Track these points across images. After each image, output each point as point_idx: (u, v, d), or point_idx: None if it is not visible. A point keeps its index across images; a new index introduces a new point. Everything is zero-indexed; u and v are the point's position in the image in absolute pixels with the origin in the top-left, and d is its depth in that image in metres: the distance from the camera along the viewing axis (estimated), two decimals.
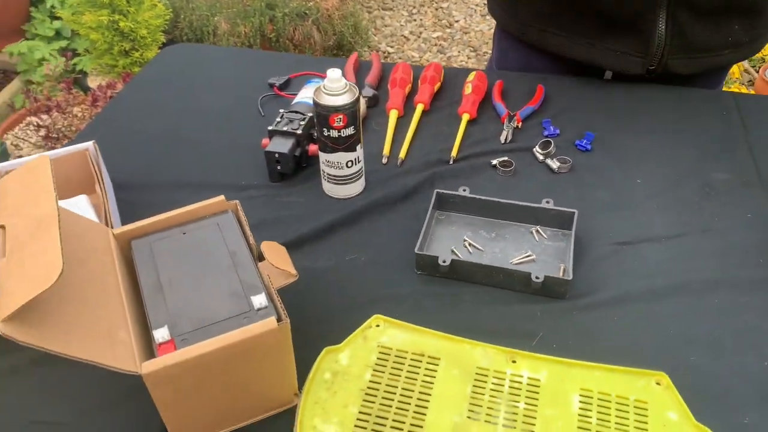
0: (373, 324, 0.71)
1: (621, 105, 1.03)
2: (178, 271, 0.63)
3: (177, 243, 0.66)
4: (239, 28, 2.27)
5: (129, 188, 0.92)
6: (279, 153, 0.87)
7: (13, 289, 0.48)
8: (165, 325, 0.57)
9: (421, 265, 0.77)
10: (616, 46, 1.02)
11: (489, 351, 0.68)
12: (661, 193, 0.88)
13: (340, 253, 0.81)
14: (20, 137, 2.27)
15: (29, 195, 0.58)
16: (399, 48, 3.15)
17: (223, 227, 0.67)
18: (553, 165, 0.91)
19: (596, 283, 0.76)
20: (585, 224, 0.82)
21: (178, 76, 1.17)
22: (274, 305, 0.59)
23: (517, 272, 0.74)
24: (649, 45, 1.00)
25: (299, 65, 1.16)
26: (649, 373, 0.65)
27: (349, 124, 0.81)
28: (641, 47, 1.01)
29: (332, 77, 0.79)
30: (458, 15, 3.35)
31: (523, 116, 1.00)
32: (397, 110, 1.02)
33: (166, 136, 1.02)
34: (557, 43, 1.06)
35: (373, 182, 0.91)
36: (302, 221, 0.85)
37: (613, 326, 0.71)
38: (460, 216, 0.85)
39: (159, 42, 2.23)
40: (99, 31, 2.09)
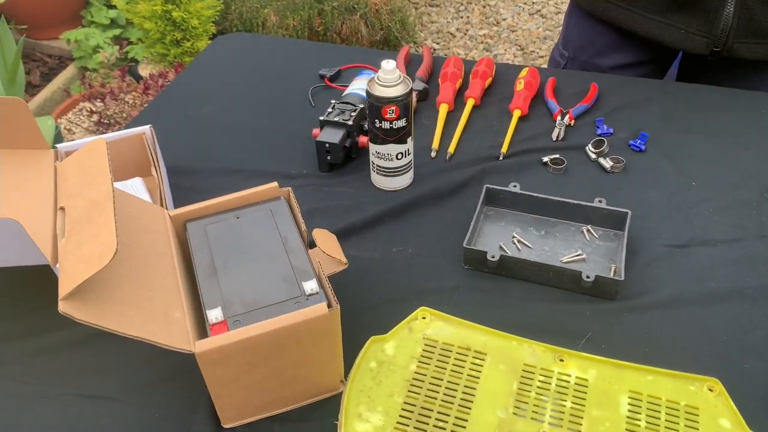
0: (419, 316, 0.71)
1: (677, 105, 1.01)
2: (231, 254, 0.64)
3: (231, 227, 0.67)
4: (288, 20, 2.29)
5: (180, 172, 0.94)
6: (329, 143, 0.88)
7: (71, 269, 0.50)
8: (218, 306, 0.58)
9: (469, 259, 0.77)
10: (682, 24, 1.01)
11: (536, 348, 0.67)
12: (718, 196, 0.85)
13: (387, 245, 0.81)
14: (73, 122, 2.33)
15: (87, 177, 0.60)
16: (445, 45, 3.13)
17: (275, 213, 0.68)
18: (606, 164, 0.89)
19: (648, 285, 0.74)
20: (637, 225, 0.80)
21: (230, 65, 1.19)
22: (324, 291, 0.60)
23: (568, 270, 0.73)
24: (714, 25, 0.98)
25: (350, 57, 1.17)
26: (701, 378, 0.64)
27: (401, 116, 0.81)
28: (706, 27, 0.99)
29: (386, 68, 0.79)
30: (506, 13, 3.32)
31: (576, 114, 0.98)
32: (447, 104, 1.02)
33: (217, 123, 1.04)
34: (622, 16, 1.05)
35: (421, 175, 0.91)
36: (350, 211, 0.85)
37: (664, 329, 0.70)
38: (509, 212, 0.84)
39: (209, 32, 2.26)
40: (152, 21, 2.13)
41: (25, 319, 0.74)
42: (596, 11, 1.09)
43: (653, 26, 1.03)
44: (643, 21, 1.04)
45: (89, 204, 0.54)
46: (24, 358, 0.70)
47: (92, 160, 0.59)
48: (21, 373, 0.69)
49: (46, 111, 2.32)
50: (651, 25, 1.03)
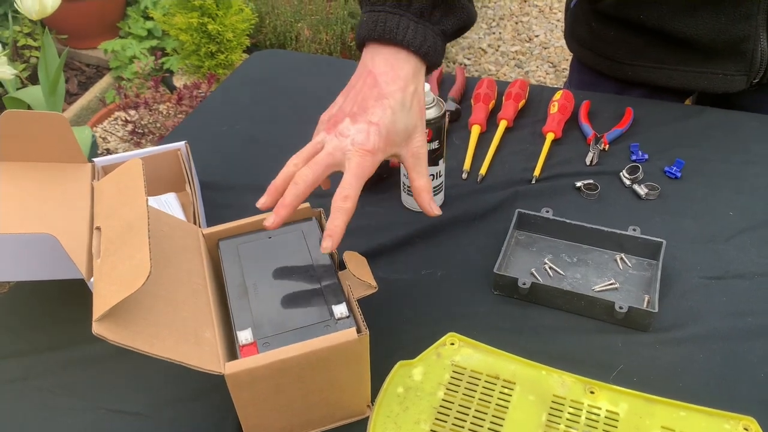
0: (447, 342, 0.70)
1: (714, 132, 0.99)
2: (262, 275, 0.64)
3: (263, 247, 0.67)
4: (321, 35, 2.31)
5: (213, 188, 0.94)
6: None
7: (105, 290, 0.50)
8: (248, 327, 0.59)
9: (500, 285, 0.76)
10: (719, 70, 0.99)
11: (566, 379, 0.66)
12: (756, 227, 0.84)
13: (416, 267, 0.81)
14: (108, 130, 2.38)
15: (122, 198, 0.61)
16: (476, 60, 3.13)
17: (307, 234, 0.68)
18: (641, 191, 0.88)
19: (682, 317, 0.73)
20: (672, 255, 0.79)
21: (264, 81, 1.20)
22: (354, 316, 0.60)
23: (600, 300, 0.72)
24: (753, 64, 0.97)
25: None
26: (736, 416, 0.62)
27: (434, 138, 0.81)
28: (745, 67, 0.98)
29: None
30: (538, 30, 3.31)
31: (610, 139, 0.97)
32: (479, 126, 1.02)
33: (250, 140, 1.05)
34: (654, 75, 1.03)
35: (452, 197, 0.91)
36: (380, 232, 0.85)
37: (698, 364, 0.68)
38: (541, 237, 0.84)
39: (243, 45, 2.30)
40: (188, 33, 2.17)
41: (60, 331, 0.75)
42: (622, 75, 1.06)
43: (690, 78, 1.01)
44: (676, 75, 1.01)
45: (124, 225, 0.55)
46: (57, 370, 0.71)
47: (128, 180, 0.60)
48: (53, 384, 0.70)
49: (83, 119, 2.37)
50: (687, 77, 1.01)
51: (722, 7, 0.93)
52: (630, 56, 1.04)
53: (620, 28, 1.03)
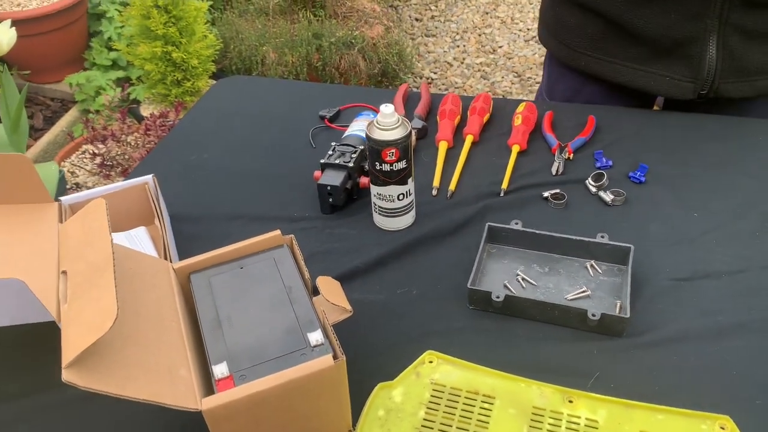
0: (426, 360, 0.71)
1: (675, 136, 1.01)
2: (236, 306, 0.64)
3: (235, 277, 0.67)
4: (287, 57, 2.32)
5: (184, 220, 0.94)
6: (331, 186, 0.89)
7: (73, 336, 0.50)
8: (224, 360, 0.58)
9: (474, 300, 0.77)
10: (666, 72, 1.00)
11: (545, 390, 0.67)
12: (720, 226, 0.85)
13: (391, 287, 0.81)
14: (76, 164, 2.35)
15: (87, 239, 0.60)
16: (442, 74, 3.17)
17: (279, 262, 0.68)
18: (607, 198, 0.90)
19: (654, 320, 0.74)
20: (641, 259, 0.80)
21: (230, 108, 1.20)
22: (330, 342, 0.60)
23: (573, 309, 0.73)
24: (699, 70, 0.98)
25: (349, 96, 1.18)
26: (712, 416, 0.63)
27: (401, 157, 0.82)
28: (692, 72, 0.99)
29: (385, 112, 0.80)
30: (501, 41, 3.36)
31: (575, 147, 0.99)
32: (446, 141, 1.03)
33: (218, 168, 1.04)
34: (605, 69, 1.05)
35: (423, 214, 0.91)
36: (353, 254, 0.85)
37: (672, 366, 0.69)
38: (512, 249, 0.84)
39: (209, 71, 2.29)
40: (153, 62, 2.16)
41: (32, 376, 0.74)
42: (578, 65, 1.08)
43: (638, 76, 1.02)
44: (626, 72, 1.03)
45: (90, 268, 0.54)
46: (29, 416, 0.70)
47: (92, 221, 0.59)
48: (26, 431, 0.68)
49: (50, 155, 2.34)
50: (636, 75, 1.02)
51: (675, 1, 0.94)
52: (586, 46, 1.06)
53: (580, 14, 1.04)
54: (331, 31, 2.37)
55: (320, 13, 2.50)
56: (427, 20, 3.55)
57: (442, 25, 3.51)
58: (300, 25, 2.39)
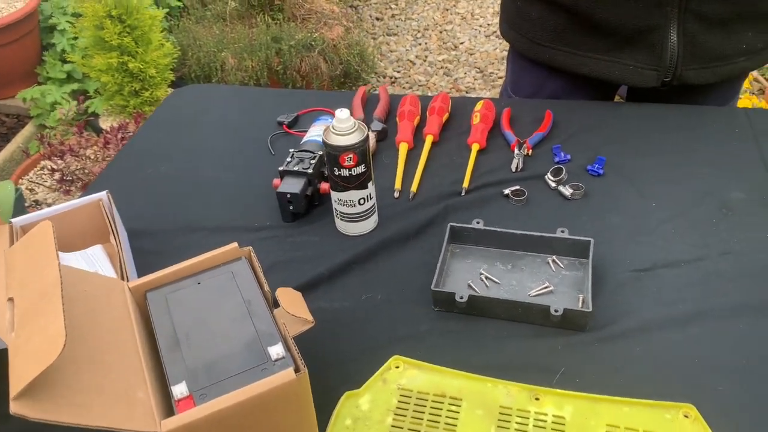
0: (392, 366, 0.70)
1: (632, 127, 1.03)
2: (194, 323, 0.62)
3: (192, 293, 0.66)
4: (246, 62, 2.30)
5: (143, 235, 0.92)
6: (290, 193, 0.88)
7: (21, 366, 0.48)
8: (183, 380, 0.57)
9: (439, 301, 0.77)
10: (629, 60, 1.01)
11: (511, 389, 0.67)
12: (678, 215, 0.87)
13: (356, 293, 0.80)
14: (35, 181, 2.30)
15: (34, 264, 0.58)
16: (405, 73, 3.17)
17: (237, 275, 0.67)
18: (566, 192, 0.90)
19: (616, 312, 0.74)
20: (601, 252, 0.81)
21: (188, 118, 1.18)
22: (291, 355, 0.59)
23: (536, 306, 0.73)
24: (662, 57, 1.00)
25: (307, 101, 1.17)
26: (676, 405, 0.64)
27: (360, 162, 0.81)
28: (654, 60, 1.00)
29: (341, 117, 0.79)
30: (463, 37, 3.37)
31: (533, 143, 0.99)
32: (406, 143, 1.02)
33: (178, 180, 1.03)
34: (569, 61, 1.06)
35: (386, 218, 0.91)
36: (317, 261, 0.84)
37: (636, 357, 0.70)
38: (475, 248, 0.84)
39: (168, 80, 2.26)
40: (109, 73, 2.12)
41: None
42: (542, 58, 1.09)
43: (602, 66, 1.03)
44: (590, 62, 1.04)
45: (37, 294, 0.53)
46: None
47: (39, 245, 0.58)
48: None
49: (7, 173, 2.28)
50: (599, 65, 1.03)
51: None
52: (549, 38, 1.06)
53: (542, 7, 1.05)
54: (290, 34, 2.35)
55: (278, 17, 2.48)
56: (387, 19, 3.55)
57: (403, 24, 3.51)
58: (258, 30, 2.37)
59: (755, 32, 1.00)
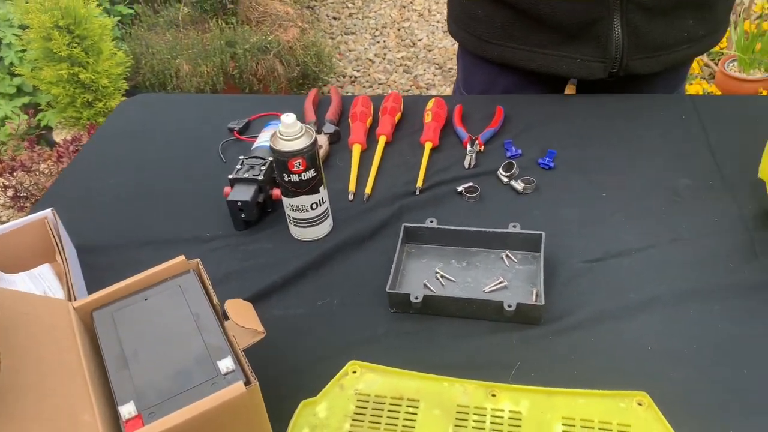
0: (349, 371, 0.70)
1: (581, 119, 1.04)
2: (141, 341, 0.61)
3: (139, 310, 0.64)
4: (201, 68, 2.27)
5: (93, 250, 0.90)
6: (241, 201, 0.86)
7: None
8: (131, 399, 0.56)
9: (395, 303, 0.77)
10: (576, 54, 1.03)
11: (468, 387, 0.67)
12: (628, 205, 0.88)
13: (311, 299, 0.80)
14: None
15: None
16: (365, 72, 3.16)
17: (185, 289, 0.66)
18: (518, 186, 0.91)
19: (570, 304, 0.75)
20: (554, 244, 0.82)
21: (138, 128, 1.16)
22: (241, 368, 0.58)
23: (490, 302, 0.73)
24: (607, 49, 1.01)
25: (259, 106, 1.15)
26: (629, 394, 0.65)
27: (309, 166, 0.81)
28: (600, 52, 1.01)
29: (287, 122, 0.78)
30: (420, 33, 3.38)
31: (485, 139, 1.00)
32: (359, 144, 1.02)
33: (129, 192, 1.01)
34: (517, 56, 1.06)
35: (340, 221, 0.90)
36: (271, 269, 0.83)
37: (590, 348, 0.70)
38: (430, 247, 0.84)
39: (122, 90, 2.22)
40: (60, 86, 2.08)
41: None
42: (491, 55, 1.09)
43: (550, 61, 1.04)
44: (538, 57, 1.05)
45: None
46: None
47: None
48: None
49: None
50: (547, 60, 1.04)
51: None
52: (497, 35, 1.06)
53: (488, 5, 1.05)
54: (245, 37, 2.33)
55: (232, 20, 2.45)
56: (345, 18, 3.54)
57: (361, 22, 3.51)
58: (212, 35, 2.34)
59: (696, 20, 1.02)
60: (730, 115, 1.02)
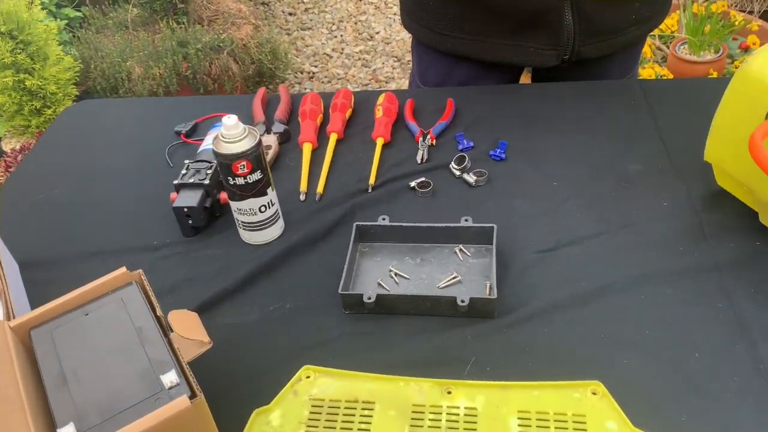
0: (302, 376, 0.68)
1: (531, 108, 1.03)
2: (82, 359, 0.59)
3: (79, 327, 0.62)
4: (153, 70, 2.22)
5: (38, 265, 0.87)
6: (188, 207, 0.84)
7: None
8: (71, 421, 0.54)
9: (348, 304, 0.75)
10: (529, 43, 1.03)
11: (423, 385, 0.66)
12: (578, 192, 0.88)
13: (263, 304, 0.78)
14: None
15: None
16: (323, 67, 3.13)
17: (127, 302, 0.64)
18: (470, 179, 0.90)
19: (523, 296, 0.75)
20: (507, 236, 0.81)
21: (82, 136, 1.12)
22: (186, 381, 0.56)
23: (443, 298, 0.73)
24: (559, 37, 1.02)
25: (207, 107, 1.13)
26: (584, 384, 0.65)
27: (255, 169, 0.79)
28: (552, 40, 1.02)
29: (228, 124, 0.76)
30: (378, 26, 3.36)
31: (437, 133, 0.99)
32: (310, 143, 1.00)
33: (73, 202, 0.97)
34: (471, 48, 1.06)
35: (292, 222, 0.89)
36: (221, 275, 0.81)
37: (544, 339, 0.70)
38: (383, 245, 0.83)
39: (72, 95, 2.16)
40: (5, 93, 2.01)
41: None
42: (445, 47, 1.09)
43: (503, 51, 1.04)
44: (491, 48, 1.05)
45: None
46: None
47: None
48: None
49: None
50: (500, 50, 1.04)
51: None
52: (449, 27, 1.06)
53: None
54: (197, 37, 2.28)
55: (183, 20, 2.40)
56: (300, 13, 3.50)
57: (317, 17, 3.47)
58: (163, 35, 2.29)
59: (642, 2, 1.03)
60: (677, 98, 1.03)
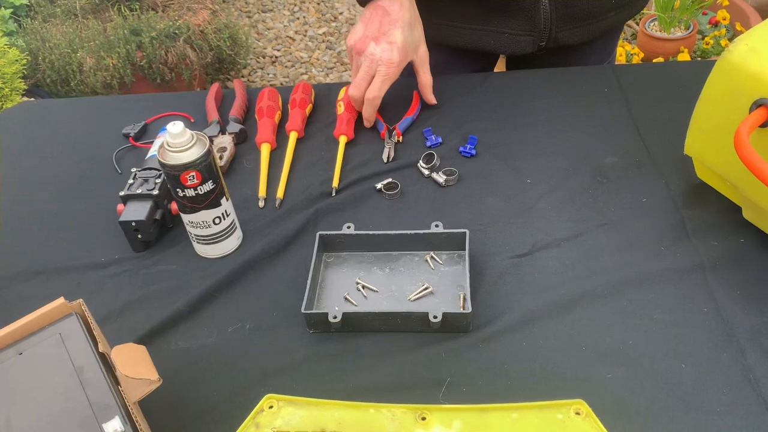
0: (265, 406, 0.63)
1: (501, 99, 0.98)
2: (15, 405, 0.53)
3: (13, 368, 0.56)
4: (106, 61, 2.11)
5: None
6: (136, 221, 0.78)
7: None
8: None
9: (312, 324, 0.70)
10: (504, 28, 0.99)
11: (396, 412, 0.62)
12: (553, 189, 0.83)
13: (221, 325, 0.72)
14: None
15: None
16: (286, 50, 3.04)
17: (66, 337, 0.58)
18: (440, 179, 0.85)
19: (499, 306, 0.70)
20: (479, 240, 0.77)
21: (18, 142, 1.03)
22: (133, 427, 0.51)
23: (415, 314, 0.68)
24: (535, 22, 0.98)
25: (157, 105, 1.06)
26: (566, 403, 0.60)
27: (206, 179, 0.73)
28: (528, 25, 0.98)
29: (174, 132, 0.70)
30: (341, 7, 3.27)
31: (403, 129, 0.94)
32: (268, 143, 0.94)
33: (10, 216, 0.89)
34: (444, 33, 1.02)
35: (251, 232, 0.83)
36: (175, 294, 0.75)
37: (522, 353, 0.66)
38: (349, 255, 0.78)
39: (20, 90, 2.04)
40: None
41: None
42: None
43: (479, 37, 1.01)
44: (465, 33, 1.01)
45: None
46: None
47: None
48: None
49: None
50: (474, 36, 1.01)
51: None
52: (422, 11, 1.00)
53: None
54: (151, 24, 2.18)
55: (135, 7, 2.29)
56: None
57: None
58: (114, 23, 2.18)
59: None
60: (651, 84, 0.99)
